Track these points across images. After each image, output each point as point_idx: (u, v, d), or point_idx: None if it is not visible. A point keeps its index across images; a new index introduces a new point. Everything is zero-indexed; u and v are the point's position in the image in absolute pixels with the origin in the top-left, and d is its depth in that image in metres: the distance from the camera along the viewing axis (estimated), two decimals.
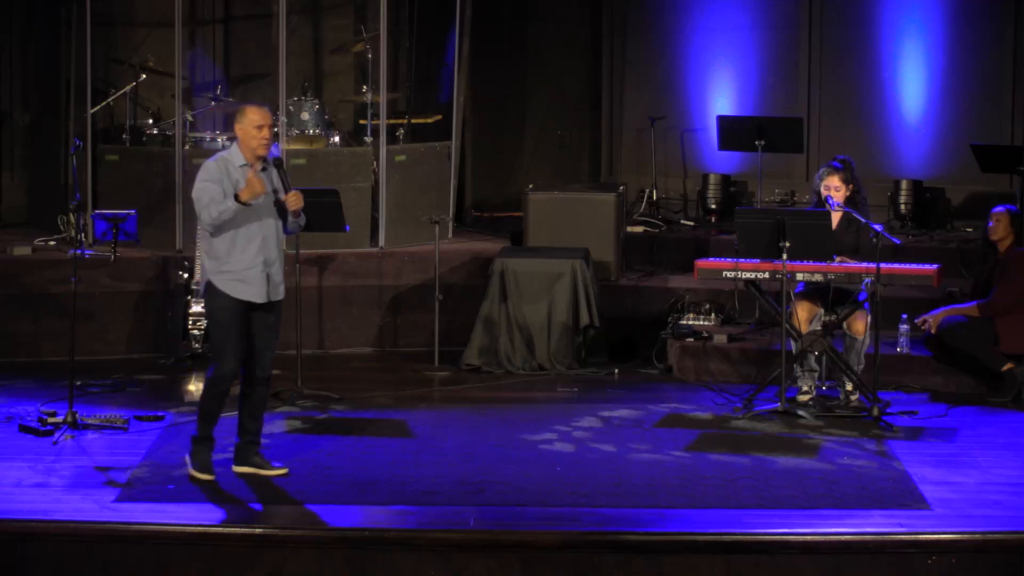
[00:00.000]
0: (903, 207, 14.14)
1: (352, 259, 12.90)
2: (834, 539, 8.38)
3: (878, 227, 10.57)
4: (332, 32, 14.48)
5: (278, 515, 8.68)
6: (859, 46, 14.68)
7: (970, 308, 11.13)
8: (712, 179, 14.77)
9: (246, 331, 9.14)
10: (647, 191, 14.94)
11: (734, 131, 13.69)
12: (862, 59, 14.67)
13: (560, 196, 13.27)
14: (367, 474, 9.33)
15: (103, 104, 13.57)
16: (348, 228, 11.65)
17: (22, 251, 12.81)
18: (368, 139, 13.54)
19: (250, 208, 9.02)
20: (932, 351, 11.35)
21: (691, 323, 12.21)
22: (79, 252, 11.57)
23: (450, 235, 13.63)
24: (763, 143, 13.44)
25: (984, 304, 11.07)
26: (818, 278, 10.65)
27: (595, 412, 10.81)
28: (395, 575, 8.36)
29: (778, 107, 14.73)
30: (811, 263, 10.57)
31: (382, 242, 13.14)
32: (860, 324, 10.84)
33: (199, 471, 9.18)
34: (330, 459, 9.62)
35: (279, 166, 9.26)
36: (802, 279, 10.72)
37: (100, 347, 12.39)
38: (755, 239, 10.62)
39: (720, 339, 11.95)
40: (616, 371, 12.07)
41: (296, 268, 11.10)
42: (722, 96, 15.02)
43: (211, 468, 9.19)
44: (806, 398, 10.93)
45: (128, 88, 13.52)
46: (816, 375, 11.04)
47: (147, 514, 8.56)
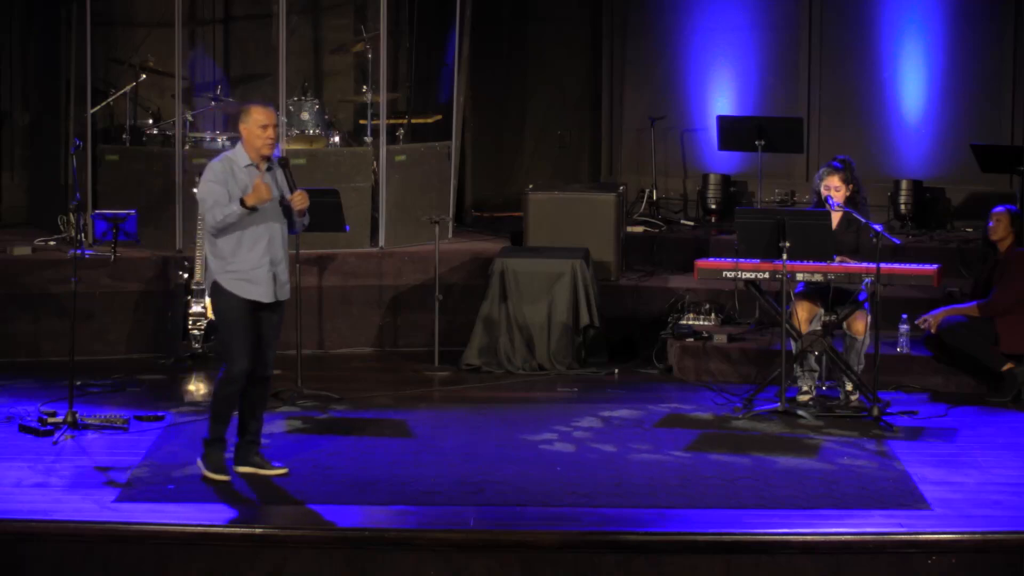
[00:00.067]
0: (903, 207, 14.14)
1: (352, 259, 12.89)
2: (834, 539, 8.38)
3: (878, 227, 10.56)
4: (332, 32, 14.47)
5: (278, 515, 8.68)
6: (859, 46, 14.67)
7: (970, 308, 11.13)
8: (712, 179, 14.76)
9: (254, 329, 9.14)
10: (647, 191, 14.94)
11: (734, 131, 13.69)
12: (862, 59, 14.67)
13: (560, 196, 13.26)
14: (367, 474, 9.32)
15: (103, 104, 13.57)
16: (348, 228, 11.66)
17: (22, 251, 12.80)
18: (368, 139, 13.54)
19: (256, 209, 9.00)
20: (932, 351, 11.34)
21: (691, 323, 12.20)
22: (79, 252, 11.56)
23: (450, 235, 13.62)
24: (763, 143, 13.43)
25: (984, 304, 11.07)
26: (818, 278, 10.65)
27: (595, 412, 10.81)
28: (395, 575, 8.35)
29: (778, 107, 14.73)
30: (811, 263, 10.56)
31: (382, 242, 13.13)
32: (860, 324, 10.84)
33: (214, 472, 9.13)
34: (330, 459, 9.62)
35: (284, 166, 9.21)
36: (802, 279, 10.72)
37: (100, 347, 12.38)
38: (755, 239, 10.62)
39: (720, 339, 11.95)
40: (616, 371, 12.07)
41: (296, 268, 11.09)
42: (722, 96, 15.02)
43: (226, 469, 9.17)
44: (806, 398, 10.92)
45: (128, 88, 13.52)
46: (816, 375, 11.03)
47: (147, 514, 8.55)
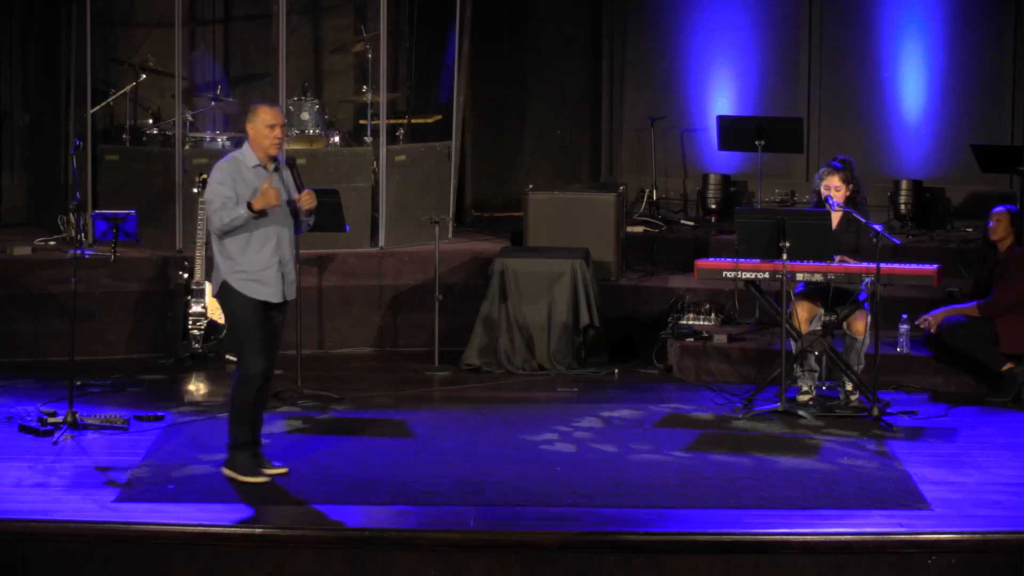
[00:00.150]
0: (903, 207, 14.14)
1: (352, 259, 12.89)
2: (834, 539, 8.38)
3: (878, 227, 10.56)
4: (332, 32, 14.47)
5: (278, 515, 8.67)
6: (859, 46, 14.67)
7: (970, 308, 11.12)
8: (712, 179, 14.76)
9: (265, 329, 9.11)
10: (647, 191, 14.94)
11: (734, 131, 13.69)
12: (862, 59, 14.67)
13: (560, 196, 13.26)
14: (367, 474, 9.32)
15: (103, 104, 13.56)
16: (348, 228, 11.66)
17: (22, 251, 12.80)
18: (368, 139, 13.54)
19: (265, 213, 8.96)
20: (932, 351, 11.34)
21: (691, 323, 12.20)
22: (79, 252, 11.56)
23: (450, 235, 13.62)
24: (763, 143, 13.43)
25: (984, 304, 11.07)
26: (818, 278, 10.64)
27: (595, 412, 10.81)
28: (395, 575, 8.35)
29: (778, 107, 14.73)
30: (811, 263, 10.56)
31: (382, 242, 13.13)
32: (860, 324, 10.84)
33: (249, 476, 9.07)
34: (330, 459, 9.62)
35: (292, 166, 9.18)
36: (802, 279, 10.72)
37: (100, 347, 12.38)
38: (755, 239, 10.62)
39: (720, 339, 11.94)
40: (616, 371, 12.07)
41: (296, 268, 11.07)
42: (722, 96, 15.02)
43: (258, 471, 9.11)
44: (806, 398, 10.92)
45: (128, 88, 13.52)
46: (816, 375, 11.03)
47: (147, 514, 8.55)
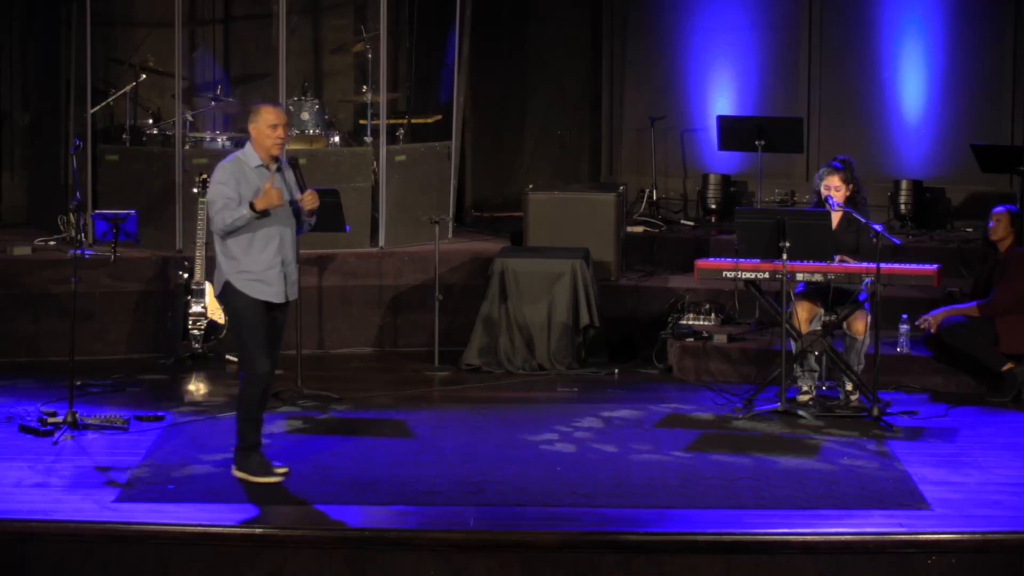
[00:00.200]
0: (903, 207, 14.14)
1: (352, 259, 12.89)
2: (834, 539, 8.38)
3: (878, 227, 10.56)
4: (332, 32, 14.47)
5: (278, 515, 8.67)
6: (859, 46, 14.67)
7: (970, 308, 11.12)
8: (712, 179, 14.76)
9: (269, 329, 9.12)
10: (647, 191, 14.94)
11: (734, 131, 13.69)
12: (862, 59, 14.67)
13: (560, 196, 13.26)
14: (367, 474, 9.32)
15: (103, 104, 13.56)
16: (348, 228, 11.65)
17: (22, 251, 12.80)
18: (368, 139, 13.54)
19: (267, 213, 8.95)
20: (932, 351, 11.34)
21: (691, 323, 12.20)
22: (79, 252, 11.56)
23: (450, 235, 13.62)
24: (763, 143, 13.44)
25: (984, 304, 11.07)
26: (818, 278, 10.64)
27: (595, 412, 10.80)
28: (395, 575, 8.35)
29: (778, 107, 14.73)
30: (811, 263, 10.56)
31: (382, 242, 13.13)
32: (860, 324, 10.84)
33: (263, 476, 9.06)
34: (330, 459, 9.61)
35: (295, 166, 9.17)
36: (802, 279, 10.72)
37: (100, 347, 12.38)
38: (755, 239, 10.62)
39: (720, 339, 11.94)
40: (616, 371, 12.06)
41: (297, 268, 11.08)
42: (722, 96, 15.02)
43: (272, 470, 9.11)
44: (806, 398, 10.92)
45: (128, 88, 13.51)
46: (816, 375, 11.03)
47: (147, 514, 8.55)
